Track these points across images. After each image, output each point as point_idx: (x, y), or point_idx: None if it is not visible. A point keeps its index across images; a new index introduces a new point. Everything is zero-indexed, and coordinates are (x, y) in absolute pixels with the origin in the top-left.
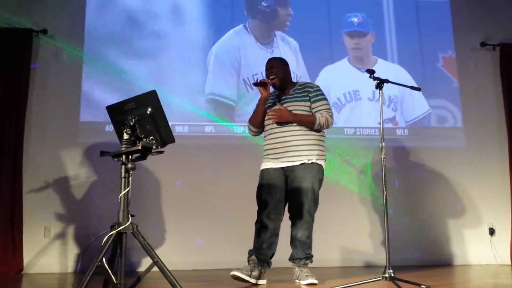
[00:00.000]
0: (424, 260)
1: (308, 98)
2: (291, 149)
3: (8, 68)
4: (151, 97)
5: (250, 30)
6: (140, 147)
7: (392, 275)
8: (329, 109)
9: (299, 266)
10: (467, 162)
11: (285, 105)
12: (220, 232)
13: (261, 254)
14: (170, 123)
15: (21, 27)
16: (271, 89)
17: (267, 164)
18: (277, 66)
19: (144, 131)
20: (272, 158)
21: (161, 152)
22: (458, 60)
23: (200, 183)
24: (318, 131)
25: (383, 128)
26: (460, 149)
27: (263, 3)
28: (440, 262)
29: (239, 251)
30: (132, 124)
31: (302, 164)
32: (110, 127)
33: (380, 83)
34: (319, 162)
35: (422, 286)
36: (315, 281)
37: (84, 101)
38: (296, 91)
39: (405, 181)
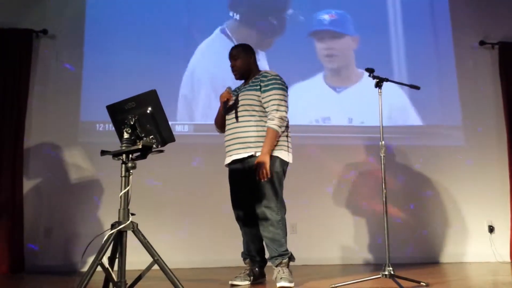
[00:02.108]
0: (423, 258)
1: (259, 87)
2: (240, 141)
3: (8, 68)
4: (151, 96)
5: (231, 34)
6: (140, 146)
7: (392, 272)
8: (278, 99)
9: (276, 266)
10: (466, 160)
11: (240, 95)
12: (221, 230)
13: (251, 254)
14: (170, 122)
15: (21, 27)
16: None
17: (226, 160)
18: (239, 56)
19: (144, 130)
20: (227, 152)
21: (162, 151)
22: (457, 59)
23: (200, 182)
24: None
25: (382, 126)
26: (459, 148)
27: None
28: (439, 259)
29: (240, 249)
30: (132, 123)
31: (255, 157)
32: (110, 127)
33: (380, 82)
34: (273, 153)
35: (421, 283)
36: (289, 285)
37: (85, 100)
38: (254, 80)
39: (404, 179)
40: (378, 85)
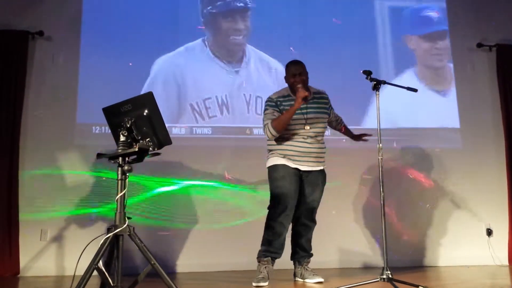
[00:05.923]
0: (421, 261)
1: (327, 109)
2: (317, 155)
3: (4, 70)
4: (148, 99)
5: (208, 44)
6: (136, 149)
7: (390, 276)
8: None
9: (303, 265)
10: (464, 163)
11: (310, 115)
12: (218, 234)
13: (277, 253)
14: (166, 125)
15: (17, 28)
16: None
17: (284, 161)
18: (305, 73)
19: (141, 133)
20: (297, 161)
21: (158, 154)
22: (455, 61)
23: (197, 185)
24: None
25: (380, 129)
26: (457, 150)
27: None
28: (438, 263)
29: (237, 253)
30: (128, 126)
31: (316, 170)
32: (107, 129)
33: (377, 84)
34: (324, 168)
35: (420, 287)
36: (322, 279)
37: (81, 103)
38: (315, 99)
39: (402, 182)
40: (376, 87)
